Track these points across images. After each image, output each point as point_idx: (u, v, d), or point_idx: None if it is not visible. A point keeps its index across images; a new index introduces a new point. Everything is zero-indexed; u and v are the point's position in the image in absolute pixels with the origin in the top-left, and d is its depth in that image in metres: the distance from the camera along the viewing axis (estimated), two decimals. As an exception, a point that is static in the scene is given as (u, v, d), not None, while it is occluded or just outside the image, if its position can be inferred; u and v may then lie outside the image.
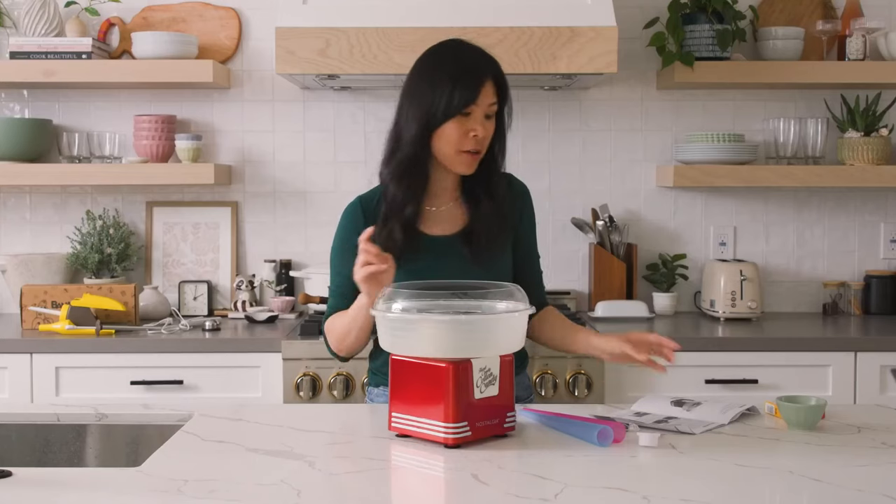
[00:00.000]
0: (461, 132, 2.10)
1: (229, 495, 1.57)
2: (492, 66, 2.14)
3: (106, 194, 3.69)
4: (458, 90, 2.08)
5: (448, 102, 2.08)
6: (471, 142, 2.11)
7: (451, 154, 2.12)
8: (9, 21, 3.63)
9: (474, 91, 2.09)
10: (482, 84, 2.10)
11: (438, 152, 2.13)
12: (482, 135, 2.11)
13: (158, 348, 3.09)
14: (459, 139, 2.10)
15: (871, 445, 1.85)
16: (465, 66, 2.11)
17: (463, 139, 2.11)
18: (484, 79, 2.10)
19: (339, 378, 3.00)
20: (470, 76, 2.10)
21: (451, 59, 2.13)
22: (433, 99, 2.09)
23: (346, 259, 2.15)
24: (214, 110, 3.69)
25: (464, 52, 2.15)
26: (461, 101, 2.08)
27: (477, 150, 2.14)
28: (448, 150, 2.12)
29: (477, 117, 2.10)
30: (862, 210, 3.72)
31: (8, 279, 3.56)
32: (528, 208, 2.33)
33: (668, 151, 3.69)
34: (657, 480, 1.66)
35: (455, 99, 2.08)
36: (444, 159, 2.14)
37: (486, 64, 2.14)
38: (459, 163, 2.14)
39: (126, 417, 2.10)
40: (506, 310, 1.86)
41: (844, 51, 3.52)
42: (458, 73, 2.10)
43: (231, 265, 3.67)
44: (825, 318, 3.57)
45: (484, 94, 2.10)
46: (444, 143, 2.11)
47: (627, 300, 3.53)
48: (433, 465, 1.74)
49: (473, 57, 2.14)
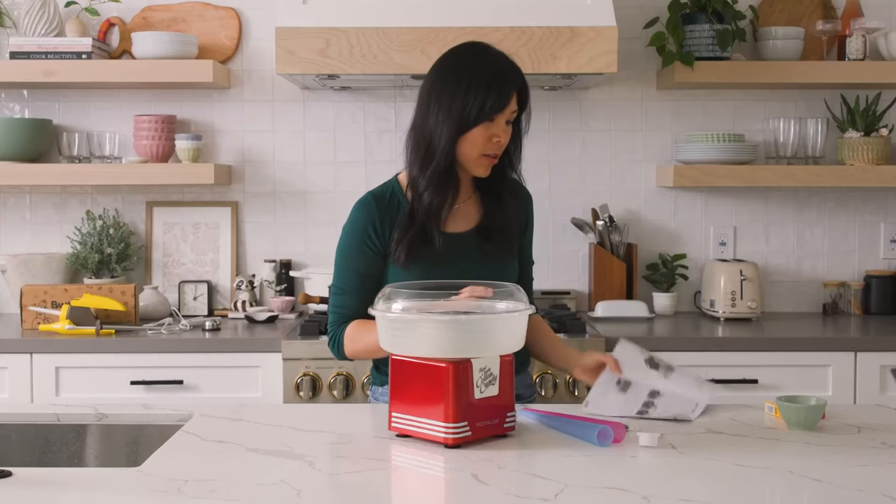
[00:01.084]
0: (486, 137, 2.11)
1: (229, 495, 1.57)
2: (520, 76, 2.16)
3: (106, 194, 3.69)
4: (492, 96, 2.09)
5: (481, 108, 2.08)
6: (494, 146, 2.13)
7: (475, 157, 2.14)
8: (9, 21, 3.63)
9: (506, 98, 2.11)
10: (512, 92, 2.12)
11: (461, 155, 2.14)
12: (505, 140, 2.14)
13: (158, 348, 3.09)
14: (484, 144, 2.12)
15: (871, 445, 1.85)
16: (498, 72, 2.12)
17: (487, 144, 2.12)
18: (514, 87, 2.13)
19: (339, 378, 3.00)
20: (503, 83, 2.11)
21: (484, 65, 2.12)
22: (465, 104, 2.09)
23: (363, 254, 2.18)
24: (214, 110, 3.69)
25: (495, 58, 2.15)
26: (493, 108, 2.09)
27: (497, 155, 2.16)
28: (472, 153, 2.13)
29: (500, 123, 2.12)
30: (862, 210, 3.72)
31: (8, 279, 3.56)
32: (532, 214, 2.36)
33: (668, 151, 3.69)
34: (657, 480, 1.66)
35: (487, 105, 2.09)
36: (465, 162, 2.16)
37: (515, 73, 2.16)
38: (479, 165, 2.16)
39: (126, 417, 2.10)
40: (506, 310, 1.87)
41: (844, 51, 3.52)
42: (492, 79, 2.10)
43: (231, 265, 3.67)
44: (825, 318, 3.57)
45: (511, 102, 2.13)
46: (469, 147, 2.12)
47: (627, 300, 3.53)
48: (433, 465, 1.74)
49: (504, 64, 2.15)
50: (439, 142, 2.11)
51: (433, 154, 2.12)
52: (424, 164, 2.14)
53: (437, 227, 2.16)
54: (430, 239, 2.16)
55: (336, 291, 2.23)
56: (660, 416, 2.04)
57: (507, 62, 2.16)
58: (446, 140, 2.10)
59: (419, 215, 2.16)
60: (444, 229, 2.20)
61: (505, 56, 2.17)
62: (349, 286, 2.20)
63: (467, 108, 2.08)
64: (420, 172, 2.15)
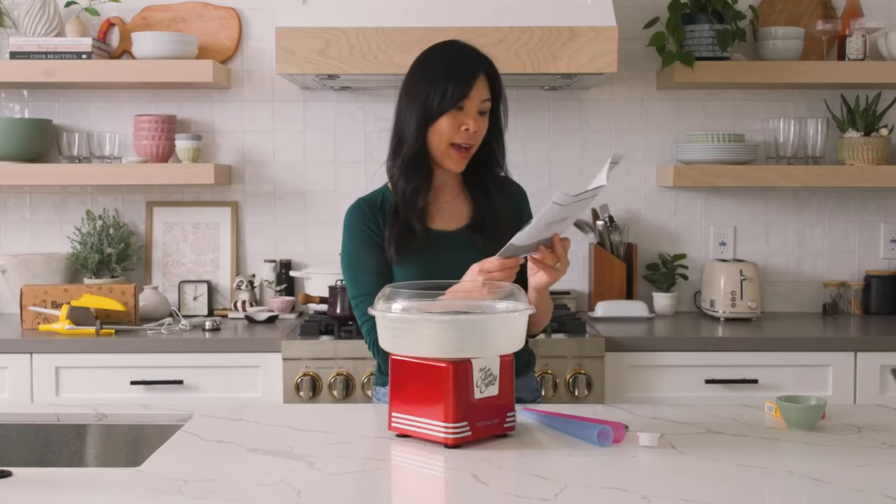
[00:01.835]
0: (454, 126, 2.15)
1: (229, 495, 1.56)
2: (484, 63, 2.19)
3: (106, 194, 3.69)
4: (452, 85, 2.13)
5: (442, 97, 2.13)
6: (462, 135, 2.15)
7: (443, 148, 2.17)
8: (9, 21, 3.63)
9: (467, 85, 2.14)
10: (474, 78, 2.15)
11: (432, 147, 2.18)
12: (473, 129, 2.16)
13: (158, 348, 3.09)
14: (451, 133, 2.15)
15: (871, 445, 1.85)
16: (458, 61, 2.17)
17: (455, 133, 2.15)
18: (476, 74, 2.16)
19: (339, 378, 3.00)
20: (462, 71, 2.15)
21: (446, 56, 2.19)
22: (428, 94, 2.14)
23: (369, 250, 2.20)
24: (214, 110, 3.69)
25: (457, 50, 2.21)
26: (454, 96, 2.13)
27: (468, 146, 2.18)
28: (440, 144, 2.16)
29: (469, 112, 2.15)
30: (862, 210, 3.72)
31: (8, 279, 3.56)
32: (527, 208, 2.36)
33: (668, 151, 3.69)
34: (657, 480, 1.66)
35: (448, 93, 2.13)
36: (437, 155, 2.19)
37: (479, 60, 2.19)
38: (450, 158, 2.18)
39: (126, 417, 2.10)
40: (506, 310, 1.86)
41: (844, 51, 3.52)
42: (452, 68, 2.15)
43: (231, 265, 3.67)
44: (825, 318, 3.57)
45: (477, 89, 2.15)
46: (437, 138, 2.16)
47: (627, 300, 3.53)
48: (433, 465, 1.74)
49: (467, 53, 2.20)
50: (408, 132, 2.17)
51: (402, 144, 2.19)
52: (396, 155, 2.21)
53: (416, 218, 2.19)
54: (413, 231, 2.19)
55: (357, 302, 2.22)
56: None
57: (470, 51, 2.20)
58: (413, 130, 2.16)
59: (400, 208, 2.21)
60: (435, 227, 2.22)
61: (473, 48, 2.21)
62: (367, 288, 2.18)
63: (430, 97, 2.14)
64: (392, 163, 2.22)
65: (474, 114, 2.16)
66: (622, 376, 3.09)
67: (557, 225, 1.95)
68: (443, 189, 2.26)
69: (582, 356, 3.04)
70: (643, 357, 3.10)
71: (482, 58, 2.20)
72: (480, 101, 2.16)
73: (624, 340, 3.10)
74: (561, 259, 2.01)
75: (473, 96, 2.14)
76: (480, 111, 2.17)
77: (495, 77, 2.20)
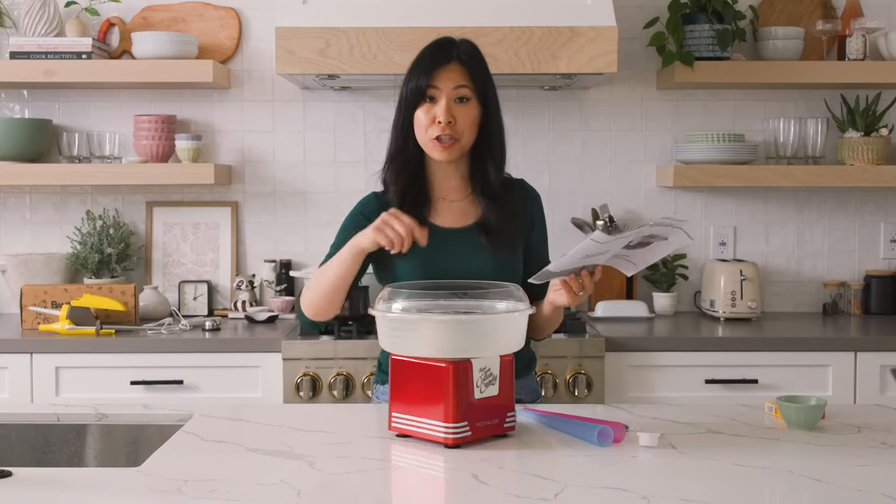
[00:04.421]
0: (429, 118, 2.14)
1: (229, 495, 1.57)
2: (455, 49, 2.17)
3: (106, 194, 3.69)
4: (416, 77, 2.15)
5: (410, 91, 2.15)
6: (436, 128, 2.14)
7: (425, 140, 2.17)
8: (9, 21, 3.63)
9: (426, 75, 2.13)
10: (435, 67, 2.14)
11: (419, 140, 2.18)
12: (445, 120, 2.13)
13: (158, 348, 3.09)
14: (427, 125, 2.15)
15: (871, 445, 1.85)
16: (424, 53, 2.18)
17: (430, 125, 2.15)
18: (439, 63, 2.14)
19: (339, 378, 3.00)
20: (425, 62, 2.16)
21: (421, 51, 2.20)
22: (405, 88, 2.17)
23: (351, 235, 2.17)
24: (214, 110, 3.69)
25: (432, 43, 2.20)
26: (417, 87, 2.14)
27: (447, 137, 2.14)
28: (422, 136, 2.17)
29: (443, 102, 2.13)
30: (862, 210, 3.73)
31: (8, 279, 3.56)
32: (539, 213, 2.33)
33: (668, 151, 3.69)
34: (657, 480, 1.66)
35: (415, 83, 2.14)
36: (424, 147, 2.19)
37: (448, 48, 2.17)
38: (433, 149, 2.17)
39: (126, 417, 2.10)
40: (506, 310, 1.86)
41: (844, 51, 3.52)
42: (420, 57, 2.17)
43: (231, 265, 3.67)
44: (825, 318, 3.57)
45: (443, 78, 2.13)
46: (418, 130, 2.17)
47: (627, 300, 3.53)
48: (433, 465, 1.74)
49: (437, 44, 2.19)
50: (395, 126, 2.20)
51: (392, 138, 2.22)
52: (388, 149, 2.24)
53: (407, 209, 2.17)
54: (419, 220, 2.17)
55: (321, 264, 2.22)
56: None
57: (443, 42, 2.19)
58: (398, 124, 2.19)
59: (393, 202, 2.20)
60: (441, 224, 2.21)
61: (446, 38, 2.20)
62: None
63: (406, 91, 2.16)
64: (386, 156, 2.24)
65: (447, 104, 2.13)
66: (622, 376, 3.09)
67: (595, 258, 1.95)
68: (448, 187, 2.24)
69: (582, 356, 3.04)
70: (643, 357, 3.10)
71: (454, 45, 2.17)
72: (453, 88, 2.13)
73: (624, 340, 3.10)
74: (585, 289, 2.03)
75: (441, 86, 2.12)
76: (459, 98, 2.14)
77: (473, 62, 2.17)
